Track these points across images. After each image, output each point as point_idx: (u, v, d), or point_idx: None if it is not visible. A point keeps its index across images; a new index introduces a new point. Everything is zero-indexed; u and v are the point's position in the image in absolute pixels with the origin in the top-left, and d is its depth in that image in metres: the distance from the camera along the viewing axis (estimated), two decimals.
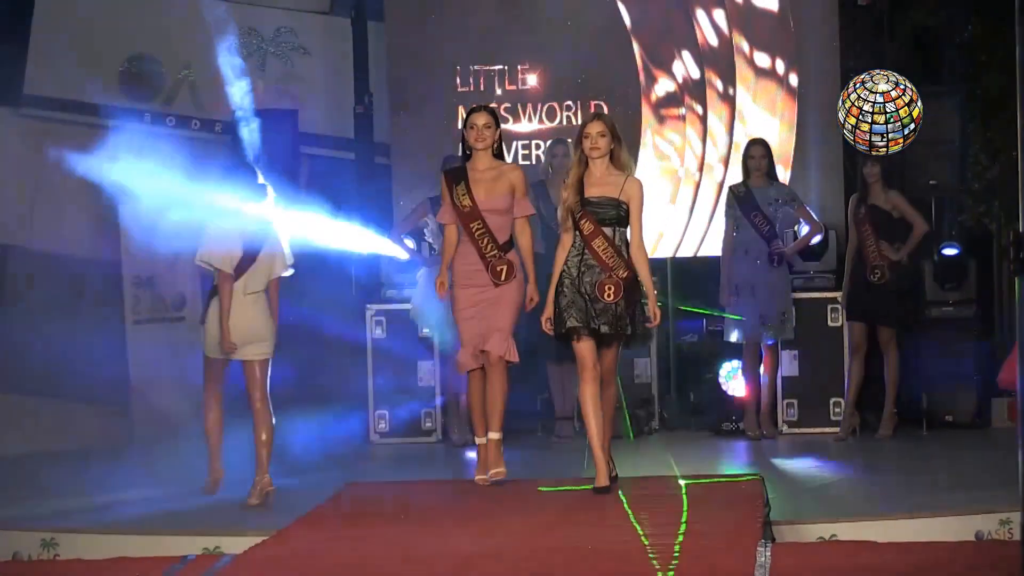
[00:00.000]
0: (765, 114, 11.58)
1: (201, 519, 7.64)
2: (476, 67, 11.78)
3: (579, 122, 9.01)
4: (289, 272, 8.68)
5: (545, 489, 8.36)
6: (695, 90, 11.71)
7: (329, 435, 10.71)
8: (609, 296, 8.15)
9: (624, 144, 8.35)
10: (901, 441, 10.48)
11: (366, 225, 11.03)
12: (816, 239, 10.79)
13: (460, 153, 8.82)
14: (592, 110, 8.79)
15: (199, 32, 11.85)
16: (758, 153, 10.72)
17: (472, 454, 10.57)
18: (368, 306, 11.21)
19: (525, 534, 7.20)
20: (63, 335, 10.62)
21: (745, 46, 11.62)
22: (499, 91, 11.78)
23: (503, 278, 8.52)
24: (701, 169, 11.64)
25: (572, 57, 11.71)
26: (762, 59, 11.62)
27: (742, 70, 11.63)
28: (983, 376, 10.71)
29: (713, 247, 11.26)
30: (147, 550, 7.25)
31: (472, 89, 11.75)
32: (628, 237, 8.27)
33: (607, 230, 8.20)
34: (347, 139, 12.04)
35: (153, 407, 11.29)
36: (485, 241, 8.52)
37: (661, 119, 11.72)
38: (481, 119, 8.57)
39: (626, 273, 8.20)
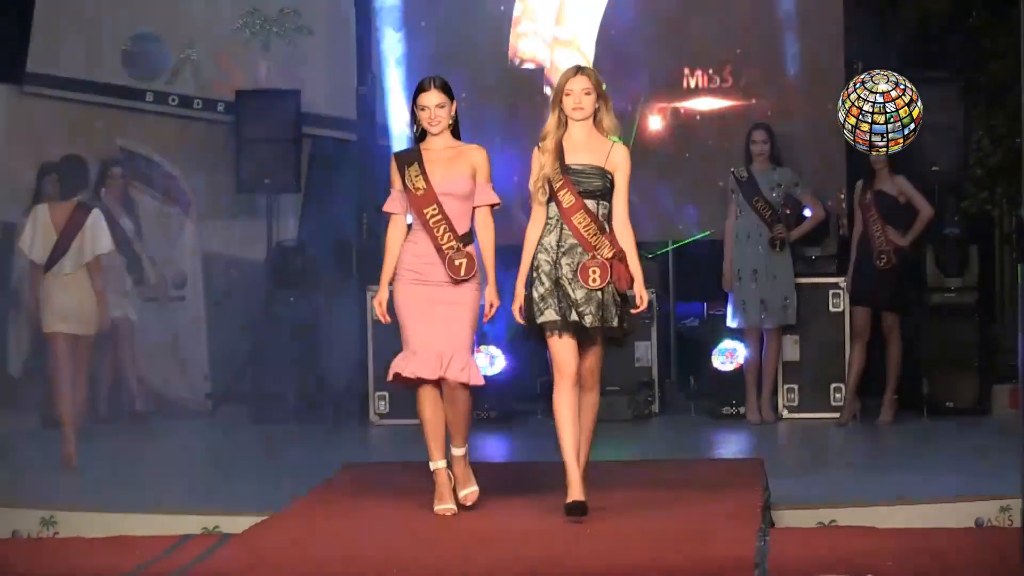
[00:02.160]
0: (768, 99, 11.60)
1: (200, 499, 7.64)
2: None
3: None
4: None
5: None
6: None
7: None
8: (594, 281, 6.93)
9: (610, 104, 7.10)
10: (901, 427, 10.47)
11: (367, 206, 11.06)
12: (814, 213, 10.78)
13: (415, 134, 7.37)
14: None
15: (202, 12, 11.91)
16: (760, 138, 10.71)
17: (474, 438, 10.59)
18: (369, 287, 11.21)
19: (524, 516, 7.18)
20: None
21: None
22: None
23: (462, 273, 7.13)
24: None
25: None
26: (766, 44, 11.62)
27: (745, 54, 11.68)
28: (984, 362, 10.72)
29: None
30: (146, 529, 7.23)
31: None
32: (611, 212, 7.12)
33: (590, 203, 6.96)
34: (350, 120, 12.03)
35: (151, 386, 11.33)
36: (442, 230, 7.14)
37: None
38: (433, 99, 7.20)
39: (611, 253, 6.98)
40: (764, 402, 10.78)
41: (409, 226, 7.28)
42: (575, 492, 6.97)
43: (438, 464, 7.27)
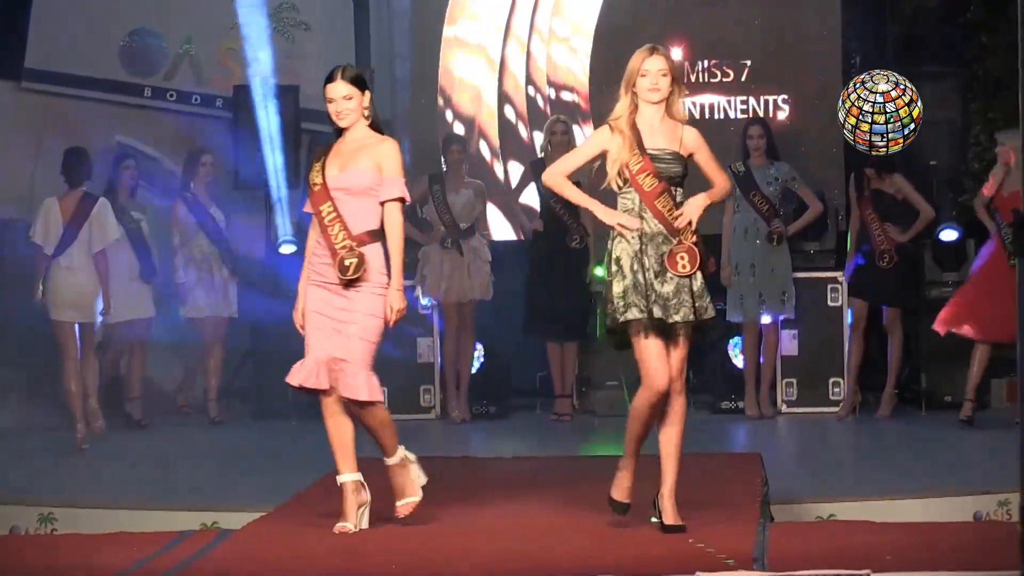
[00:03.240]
0: (765, 94, 11.63)
1: (199, 495, 7.65)
2: None
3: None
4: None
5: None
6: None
7: None
8: (684, 267, 6.37)
9: (683, 89, 6.65)
10: (900, 422, 10.50)
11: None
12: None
13: (333, 128, 6.89)
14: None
15: (200, 7, 11.90)
16: (756, 133, 10.73)
17: (473, 433, 10.68)
18: None
19: (523, 511, 7.19)
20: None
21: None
22: None
23: (350, 274, 6.60)
24: None
25: None
26: (764, 39, 11.65)
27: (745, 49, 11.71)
28: None
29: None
30: (145, 525, 7.22)
31: None
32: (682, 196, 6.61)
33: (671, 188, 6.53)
34: None
35: (151, 383, 11.35)
36: (336, 228, 6.66)
37: None
38: (340, 90, 6.73)
39: (695, 238, 6.49)
40: (763, 397, 10.81)
41: None
42: (620, 491, 6.73)
43: (343, 478, 6.85)
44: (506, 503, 7.37)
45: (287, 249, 10.98)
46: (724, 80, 11.81)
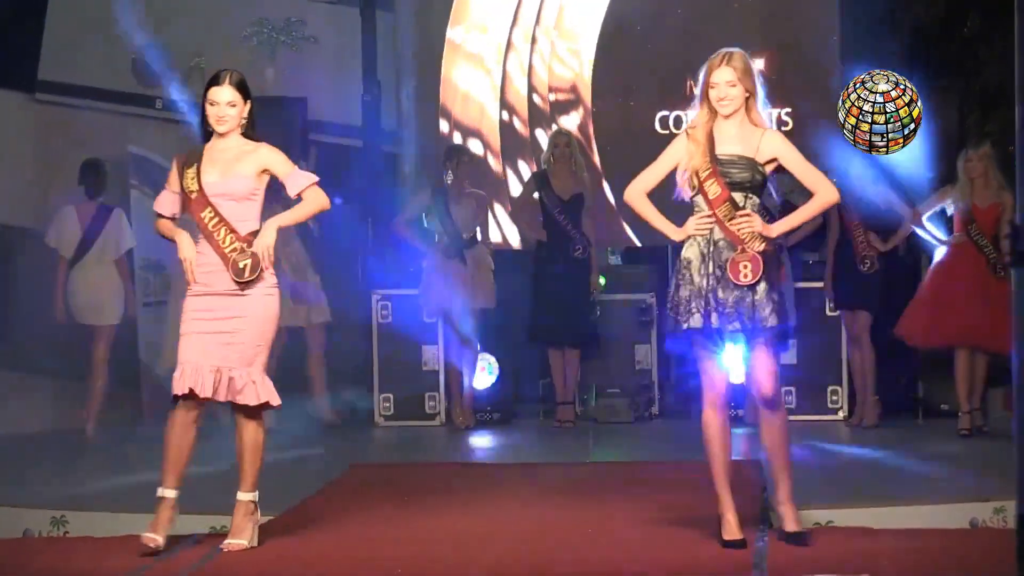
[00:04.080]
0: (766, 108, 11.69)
1: (208, 498, 7.65)
2: None
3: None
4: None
5: None
6: None
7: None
8: (745, 276, 6.29)
9: (760, 94, 6.51)
10: (897, 430, 10.48)
11: (371, 211, 11.17)
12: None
13: (201, 131, 6.75)
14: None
15: (211, 21, 11.98)
16: None
17: (477, 440, 10.65)
18: (374, 291, 11.34)
19: (527, 516, 7.23)
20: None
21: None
22: None
23: (247, 276, 6.46)
24: None
25: None
26: (767, 53, 11.72)
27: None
28: None
29: None
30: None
31: None
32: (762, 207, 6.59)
33: (737, 195, 6.41)
34: (355, 127, 12.14)
35: (163, 388, 11.42)
36: (222, 233, 6.50)
37: None
38: (225, 95, 6.56)
39: (764, 247, 6.40)
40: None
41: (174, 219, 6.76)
42: (731, 530, 6.46)
43: (166, 492, 6.61)
44: (510, 508, 7.43)
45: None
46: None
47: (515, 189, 12.05)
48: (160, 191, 6.80)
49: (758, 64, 6.25)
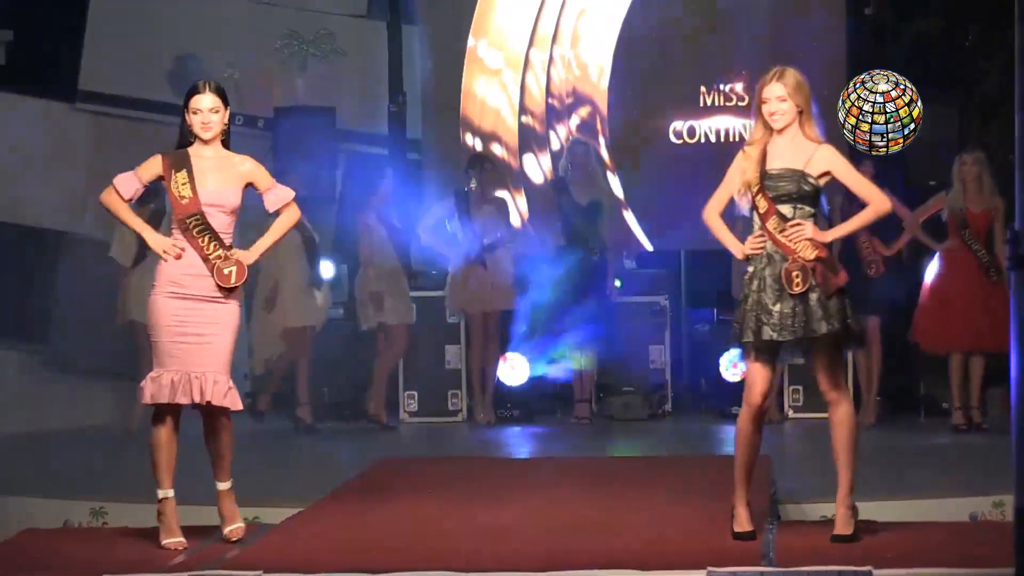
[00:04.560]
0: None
1: (240, 490, 7.20)
2: None
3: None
4: None
5: None
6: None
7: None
8: (797, 285, 6.34)
9: (815, 109, 6.55)
10: (899, 427, 10.56)
11: (398, 216, 11.26)
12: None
13: (178, 141, 6.73)
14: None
15: (243, 34, 12.13)
16: None
17: (498, 435, 10.75)
18: None
19: (548, 510, 7.23)
20: (114, 320, 10.80)
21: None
22: None
23: (233, 281, 6.53)
24: None
25: None
26: (776, 63, 11.93)
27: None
28: None
29: None
30: (189, 519, 7.00)
31: None
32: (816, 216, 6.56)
33: (784, 208, 6.42)
34: (381, 136, 12.30)
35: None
36: (207, 239, 6.55)
37: None
38: (207, 102, 6.61)
39: (816, 254, 6.42)
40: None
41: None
42: (742, 522, 6.56)
43: (167, 493, 6.65)
44: (530, 500, 7.49)
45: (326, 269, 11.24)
46: (739, 104, 11.94)
47: (533, 195, 12.21)
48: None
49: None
